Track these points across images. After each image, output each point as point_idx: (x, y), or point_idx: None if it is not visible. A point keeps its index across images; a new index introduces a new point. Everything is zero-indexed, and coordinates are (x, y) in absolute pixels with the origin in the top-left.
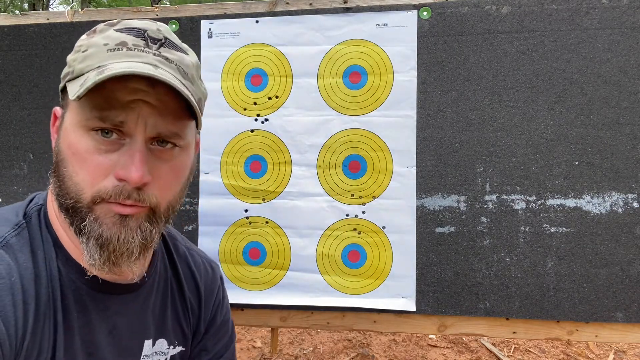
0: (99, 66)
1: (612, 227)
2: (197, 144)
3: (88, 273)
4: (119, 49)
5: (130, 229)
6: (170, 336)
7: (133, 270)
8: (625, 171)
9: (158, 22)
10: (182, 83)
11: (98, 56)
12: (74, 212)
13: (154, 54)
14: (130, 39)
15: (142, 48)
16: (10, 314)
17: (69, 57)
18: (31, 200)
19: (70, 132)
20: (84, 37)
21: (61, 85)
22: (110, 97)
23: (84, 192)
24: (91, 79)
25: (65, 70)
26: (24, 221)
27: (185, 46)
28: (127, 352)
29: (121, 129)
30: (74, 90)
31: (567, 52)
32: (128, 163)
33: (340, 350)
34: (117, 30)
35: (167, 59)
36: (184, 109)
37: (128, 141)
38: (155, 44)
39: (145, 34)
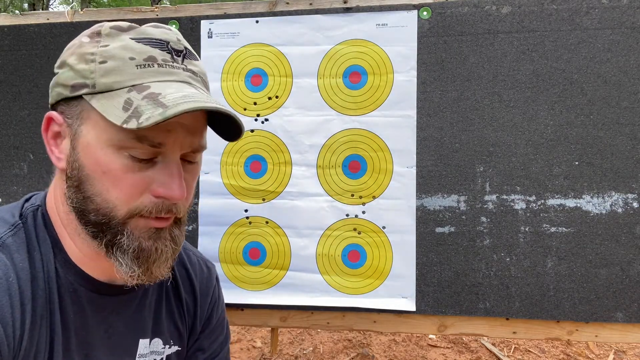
0: (134, 85)
1: (612, 227)
2: None
3: (127, 284)
4: (149, 65)
5: (164, 239)
6: (166, 336)
7: (162, 274)
8: (625, 171)
9: (172, 29)
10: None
11: (127, 72)
12: (107, 227)
13: (184, 69)
14: (157, 53)
15: (172, 64)
16: (7, 315)
17: (79, 66)
18: (27, 201)
19: (97, 150)
20: (87, 40)
21: (69, 93)
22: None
23: (119, 210)
24: (148, 110)
25: (76, 79)
26: (20, 222)
27: (194, 51)
28: (123, 352)
29: (159, 150)
30: (117, 114)
31: (567, 52)
32: (168, 181)
33: (340, 350)
34: (135, 39)
35: (193, 72)
36: (205, 120)
37: (161, 159)
38: (179, 56)
39: (169, 46)
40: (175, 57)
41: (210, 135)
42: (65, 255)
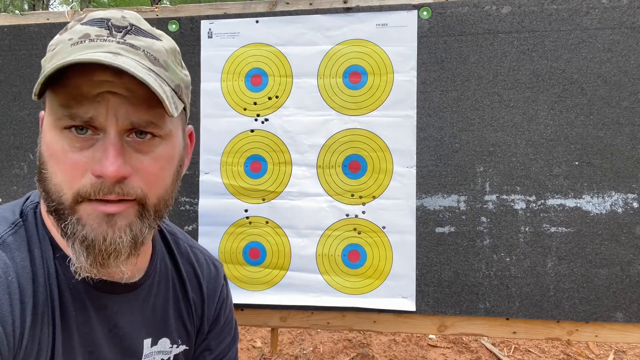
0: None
1: (612, 227)
2: (191, 135)
3: (76, 277)
4: (81, 41)
5: (118, 228)
6: (173, 335)
7: (122, 271)
8: (625, 171)
9: (125, 10)
10: (151, 69)
11: (62, 52)
12: (57, 214)
13: (118, 42)
14: (93, 30)
15: (105, 37)
16: (7, 314)
17: (43, 59)
18: (27, 199)
19: (47, 133)
20: (57, 35)
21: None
22: (76, 93)
23: (65, 193)
24: (41, 75)
25: (40, 72)
26: (20, 220)
27: (158, 32)
28: (127, 351)
29: (93, 124)
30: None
31: (567, 52)
32: (102, 158)
33: (340, 350)
34: (82, 23)
35: (132, 45)
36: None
37: (102, 136)
38: (120, 31)
39: (109, 23)
40: (114, 32)
41: (210, 134)
42: (62, 252)
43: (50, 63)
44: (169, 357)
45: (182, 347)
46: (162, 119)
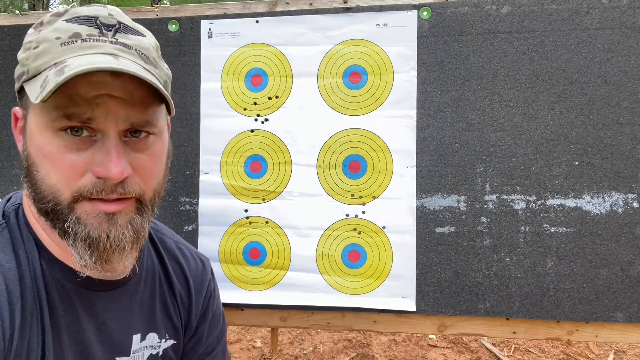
0: (55, 63)
1: (612, 227)
2: (169, 126)
3: (81, 275)
4: (73, 41)
5: (120, 225)
6: (161, 330)
7: (125, 265)
8: (625, 171)
9: (109, 6)
10: (145, 69)
11: (52, 52)
12: (55, 214)
13: (111, 42)
14: (83, 29)
15: (97, 37)
16: None
17: (21, 56)
18: (8, 200)
19: (37, 134)
20: (31, 31)
21: (17, 85)
22: (74, 95)
23: (62, 193)
24: (51, 80)
25: (19, 69)
26: (3, 221)
27: (141, 28)
28: (116, 347)
29: (90, 125)
30: (35, 92)
31: (567, 52)
32: (105, 160)
33: (340, 350)
34: (66, 20)
35: (125, 45)
36: (152, 95)
37: (100, 137)
38: (110, 30)
39: (98, 21)
40: (104, 31)
41: (210, 134)
42: (48, 252)
43: (38, 62)
44: (158, 352)
45: (171, 342)
46: (156, 116)
